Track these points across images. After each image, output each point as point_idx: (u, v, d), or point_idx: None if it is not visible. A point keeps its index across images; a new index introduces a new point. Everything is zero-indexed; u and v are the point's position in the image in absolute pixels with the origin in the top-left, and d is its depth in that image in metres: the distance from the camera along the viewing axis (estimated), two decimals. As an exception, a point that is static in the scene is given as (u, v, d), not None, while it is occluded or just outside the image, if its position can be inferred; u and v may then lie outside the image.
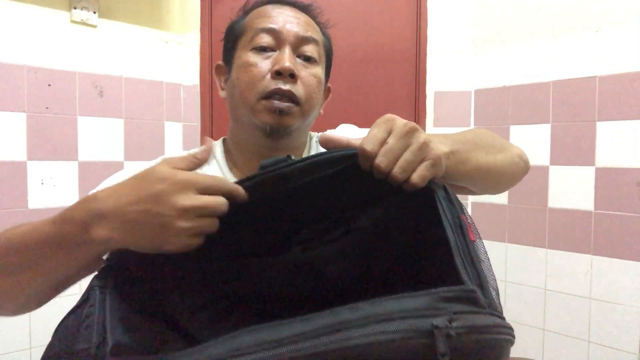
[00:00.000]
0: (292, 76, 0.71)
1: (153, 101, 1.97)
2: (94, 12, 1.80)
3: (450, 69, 2.01)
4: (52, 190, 1.71)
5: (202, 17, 2.10)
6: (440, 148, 0.52)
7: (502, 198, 1.90)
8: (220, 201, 0.47)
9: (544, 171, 1.79)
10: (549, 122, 1.78)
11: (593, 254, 1.67)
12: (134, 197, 0.45)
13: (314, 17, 0.80)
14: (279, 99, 0.70)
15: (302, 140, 0.81)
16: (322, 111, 0.83)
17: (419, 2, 1.99)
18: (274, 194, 0.51)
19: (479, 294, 0.43)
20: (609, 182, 1.63)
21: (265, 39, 0.72)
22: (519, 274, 1.85)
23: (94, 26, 1.81)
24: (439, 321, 0.39)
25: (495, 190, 0.76)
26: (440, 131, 2.02)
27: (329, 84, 0.84)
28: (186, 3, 2.08)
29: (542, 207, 1.79)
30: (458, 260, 0.45)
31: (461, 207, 0.51)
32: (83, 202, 0.49)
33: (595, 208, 1.67)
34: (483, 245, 0.50)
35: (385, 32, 2.03)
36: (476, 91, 1.99)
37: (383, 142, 0.48)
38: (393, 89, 2.04)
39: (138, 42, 1.93)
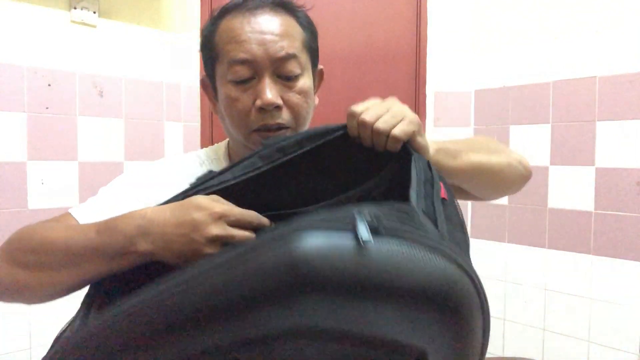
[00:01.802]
0: (276, 107, 0.70)
1: (153, 101, 1.97)
2: (94, 12, 1.80)
3: (450, 69, 2.01)
4: (52, 190, 1.71)
5: (202, 17, 2.10)
6: (425, 139, 0.60)
7: (502, 198, 1.90)
8: (245, 235, 0.53)
9: (544, 171, 1.79)
10: (549, 122, 1.78)
11: (593, 254, 1.67)
12: (176, 220, 0.54)
13: (290, 9, 0.74)
14: (269, 131, 0.71)
15: None
16: (317, 100, 0.80)
17: (419, 2, 1.99)
18: (280, 171, 0.59)
19: (418, 213, 0.44)
20: (609, 182, 1.63)
21: (241, 72, 0.69)
22: (519, 274, 1.85)
23: (94, 26, 1.81)
24: (363, 209, 0.40)
25: (492, 192, 0.75)
26: (441, 131, 2.02)
27: (320, 67, 0.80)
28: (186, 3, 2.08)
29: (542, 207, 1.79)
30: (412, 194, 0.47)
31: (441, 177, 0.54)
32: (132, 218, 0.56)
33: (595, 208, 1.67)
34: (455, 207, 0.52)
35: (385, 32, 2.03)
36: (476, 91, 1.99)
37: (368, 107, 0.58)
38: (393, 89, 2.04)
39: (138, 42, 1.93)
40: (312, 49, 0.76)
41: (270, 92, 0.68)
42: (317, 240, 0.38)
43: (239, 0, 0.72)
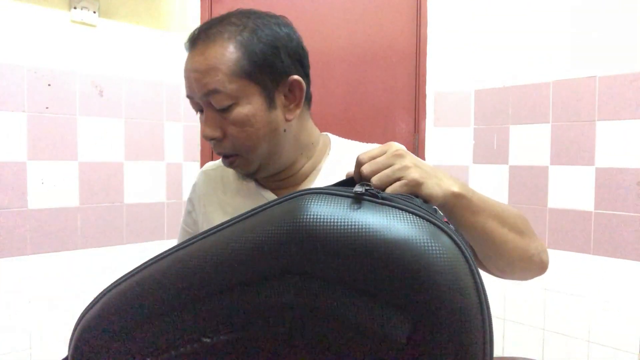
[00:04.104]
0: (218, 140, 0.74)
1: (153, 101, 1.97)
2: (94, 12, 1.80)
3: (450, 69, 2.01)
4: (52, 190, 1.71)
5: (202, 17, 2.10)
6: (446, 184, 0.58)
7: (502, 198, 1.90)
8: None
9: (544, 171, 1.79)
10: (549, 122, 1.78)
11: (593, 254, 1.67)
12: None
13: (222, 33, 0.72)
14: (224, 158, 0.77)
15: (285, 158, 0.79)
16: (290, 117, 0.76)
17: (419, 2, 1.99)
18: None
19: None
20: (609, 182, 1.63)
21: (192, 105, 0.76)
22: (519, 274, 1.84)
23: (94, 26, 1.81)
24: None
25: (494, 268, 0.69)
26: (441, 131, 2.02)
27: (293, 77, 0.75)
28: (186, 3, 2.08)
29: (542, 207, 1.79)
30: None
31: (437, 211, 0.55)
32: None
33: (595, 208, 1.67)
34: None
35: (385, 32, 2.03)
36: (476, 91, 2.00)
37: (375, 157, 0.57)
38: (393, 89, 2.04)
39: (138, 42, 1.93)
40: (258, 71, 0.72)
41: (206, 127, 0.74)
42: (319, 203, 0.45)
43: (192, 34, 0.75)
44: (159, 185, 1.99)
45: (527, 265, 0.68)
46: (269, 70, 0.73)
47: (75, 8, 1.75)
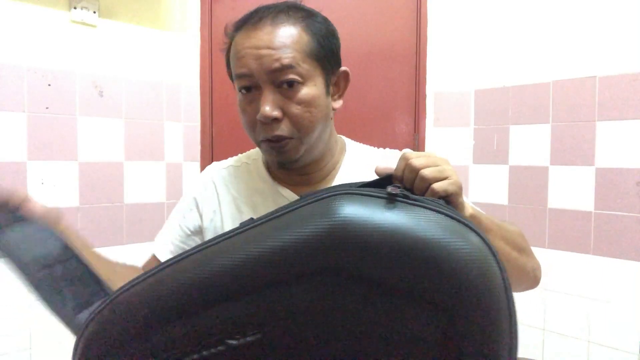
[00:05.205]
0: (275, 119, 0.72)
1: (153, 101, 1.97)
2: (94, 12, 1.80)
3: (450, 69, 2.01)
4: (52, 190, 1.71)
5: (202, 17, 2.10)
6: (465, 202, 0.61)
7: (502, 198, 1.90)
8: None
9: (544, 171, 1.79)
10: (549, 122, 1.78)
11: (593, 254, 1.67)
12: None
13: (294, 18, 0.75)
14: (272, 142, 0.74)
15: (320, 149, 0.81)
16: (336, 106, 0.81)
17: (419, 2, 1.99)
18: None
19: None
20: (609, 182, 1.63)
21: (245, 83, 0.74)
22: (519, 274, 1.84)
23: (94, 26, 1.81)
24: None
25: None
26: (441, 131, 2.02)
27: (343, 69, 0.81)
28: (186, 3, 2.08)
29: (542, 207, 1.79)
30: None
31: None
32: None
33: (595, 208, 1.67)
34: None
35: (385, 32, 2.03)
36: (476, 91, 1.99)
37: (422, 156, 0.60)
38: (393, 89, 2.04)
39: (138, 42, 1.93)
40: (323, 55, 0.76)
41: (267, 105, 0.71)
42: (353, 203, 0.46)
43: (247, 15, 0.76)
44: (159, 185, 1.99)
45: (523, 281, 0.73)
46: (331, 56, 0.77)
47: (75, 8, 1.75)
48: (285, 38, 0.72)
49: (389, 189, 0.47)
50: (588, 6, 1.69)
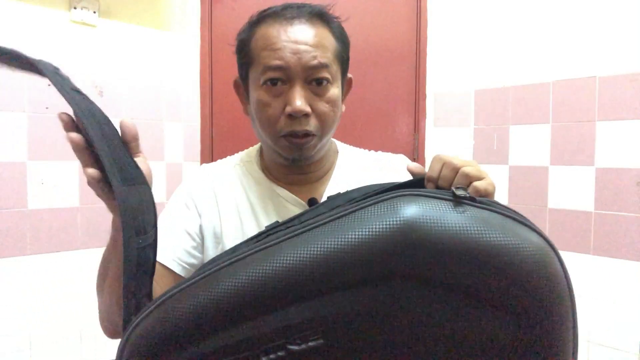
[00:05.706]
0: (305, 114, 0.73)
1: (153, 101, 1.97)
2: (94, 12, 1.80)
3: (450, 69, 2.01)
4: (52, 190, 1.71)
5: (202, 17, 2.10)
6: None
7: (502, 198, 1.90)
8: None
9: (544, 171, 1.79)
10: (549, 122, 1.78)
11: (593, 254, 1.67)
12: None
13: (325, 21, 0.78)
14: (297, 137, 0.74)
15: (325, 148, 0.83)
16: (344, 108, 0.83)
17: (419, 2, 1.99)
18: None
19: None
20: (609, 182, 1.63)
21: (276, 75, 0.73)
22: (519, 274, 1.84)
23: (94, 26, 1.81)
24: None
25: None
26: (441, 131, 2.02)
27: (349, 76, 0.85)
28: (186, 3, 2.08)
29: (542, 207, 1.79)
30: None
31: None
32: None
33: (595, 208, 1.67)
34: None
35: (385, 32, 2.03)
36: (476, 91, 2.00)
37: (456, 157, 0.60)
38: (393, 89, 2.04)
39: (138, 42, 1.93)
40: (343, 59, 0.80)
41: (300, 100, 0.72)
42: (419, 205, 0.45)
43: (277, 9, 0.76)
44: (159, 185, 1.99)
45: None
46: (346, 62, 0.82)
47: (75, 8, 1.75)
48: (322, 38, 0.75)
49: (458, 191, 0.46)
50: (588, 6, 1.69)
